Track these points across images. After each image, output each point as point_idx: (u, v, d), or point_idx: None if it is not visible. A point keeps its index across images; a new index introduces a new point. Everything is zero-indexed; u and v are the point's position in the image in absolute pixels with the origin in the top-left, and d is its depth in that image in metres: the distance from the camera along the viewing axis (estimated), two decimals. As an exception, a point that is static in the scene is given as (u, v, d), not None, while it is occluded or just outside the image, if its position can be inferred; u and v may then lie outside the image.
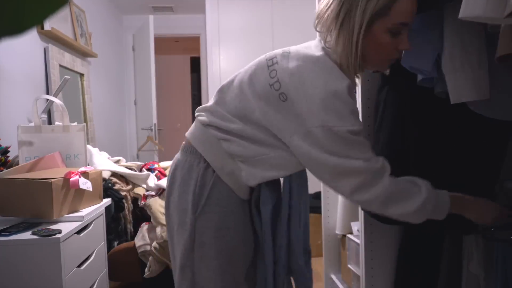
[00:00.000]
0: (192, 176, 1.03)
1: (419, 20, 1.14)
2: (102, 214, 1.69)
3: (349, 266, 1.98)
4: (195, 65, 5.54)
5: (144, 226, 2.06)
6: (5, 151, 1.68)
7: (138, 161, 4.33)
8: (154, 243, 1.90)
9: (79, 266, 1.40)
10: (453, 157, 1.23)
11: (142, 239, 1.99)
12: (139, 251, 1.95)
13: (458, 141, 1.22)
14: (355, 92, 1.12)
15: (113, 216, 2.01)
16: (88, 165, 1.82)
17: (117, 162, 2.40)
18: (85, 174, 1.53)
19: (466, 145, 1.21)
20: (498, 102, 1.05)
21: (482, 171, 1.18)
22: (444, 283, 1.37)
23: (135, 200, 2.18)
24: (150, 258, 1.90)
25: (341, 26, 0.95)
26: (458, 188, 1.23)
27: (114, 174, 2.19)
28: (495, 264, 1.10)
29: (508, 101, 1.07)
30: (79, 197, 1.51)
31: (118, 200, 2.01)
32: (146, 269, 1.91)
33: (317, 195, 3.27)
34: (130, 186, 2.21)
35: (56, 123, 2.00)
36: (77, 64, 2.80)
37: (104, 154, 2.38)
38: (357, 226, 1.89)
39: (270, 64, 1.00)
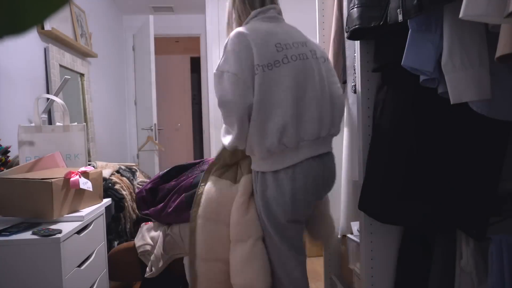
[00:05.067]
0: None
1: (420, 20, 1.13)
2: (102, 214, 1.69)
3: (349, 266, 1.98)
4: (195, 65, 5.54)
5: (144, 226, 2.05)
6: (5, 151, 1.68)
7: (139, 161, 4.33)
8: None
9: (79, 266, 1.40)
10: (453, 156, 1.23)
11: (142, 239, 1.99)
12: (139, 251, 1.95)
13: (459, 141, 1.22)
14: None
15: (113, 216, 2.01)
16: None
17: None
18: (85, 174, 1.53)
19: (467, 144, 1.20)
20: (501, 102, 1.04)
21: (482, 170, 1.18)
22: (438, 281, 1.37)
23: (135, 200, 2.18)
24: (152, 257, 1.90)
25: None
26: (459, 187, 1.23)
27: (114, 173, 2.19)
28: (489, 261, 1.10)
29: (510, 101, 1.06)
30: (79, 197, 1.51)
31: (118, 200, 2.01)
32: (147, 269, 1.90)
33: (317, 195, 3.26)
34: (130, 186, 2.21)
35: (57, 123, 2.00)
36: (77, 64, 2.80)
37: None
38: (357, 226, 1.88)
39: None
